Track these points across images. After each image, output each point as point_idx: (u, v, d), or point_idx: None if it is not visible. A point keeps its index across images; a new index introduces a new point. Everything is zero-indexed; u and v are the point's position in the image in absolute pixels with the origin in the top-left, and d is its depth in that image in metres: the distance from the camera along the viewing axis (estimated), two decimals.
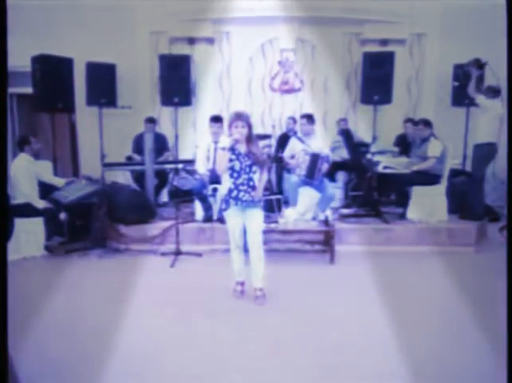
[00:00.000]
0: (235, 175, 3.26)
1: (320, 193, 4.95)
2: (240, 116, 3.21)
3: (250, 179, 3.28)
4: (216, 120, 5.06)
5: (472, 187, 5.24)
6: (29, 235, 4.61)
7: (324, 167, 4.88)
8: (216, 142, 4.93)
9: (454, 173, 5.39)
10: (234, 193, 3.27)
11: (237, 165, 3.25)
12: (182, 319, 3.15)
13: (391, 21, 6.62)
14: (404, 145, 6.06)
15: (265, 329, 2.99)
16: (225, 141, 3.51)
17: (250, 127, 3.23)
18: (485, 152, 5.06)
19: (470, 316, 3.17)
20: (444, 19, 6.71)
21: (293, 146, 5.14)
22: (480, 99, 4.98)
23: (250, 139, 3.24)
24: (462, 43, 6.37)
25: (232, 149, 3.23)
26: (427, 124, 5.21)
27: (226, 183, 3.31)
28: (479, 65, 4.90)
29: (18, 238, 4.53)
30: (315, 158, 4.85)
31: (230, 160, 3.23)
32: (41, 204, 4.69)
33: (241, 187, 3.26)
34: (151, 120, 6.14)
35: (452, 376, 2.43)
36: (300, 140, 5.15)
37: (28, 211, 4.60)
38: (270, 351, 2.69)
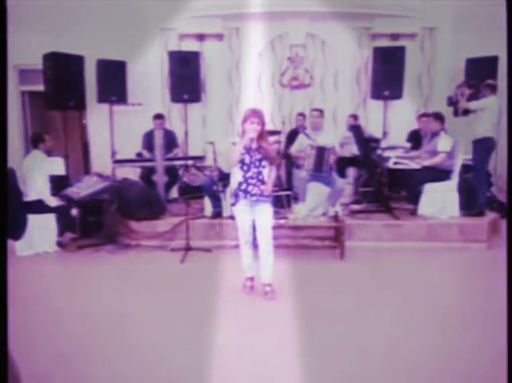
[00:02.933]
0: (245, 168, 3.29)
1: (328, 187, 4.94)
2: (256, 113, 3.24)
3: (260, 173, 3.30)
4: None
5: (474, 181, 5.18)
6: (41, 231, 4.68)
7: (332, 158, 4.87)
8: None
9: (466, 169, 5.32)
10: (243, 186, 3.29)
11: (247, 158, 3.27)
12: (191, 314, 3.17)
13: (401, 15, 6.55)
14: (417, 141, 6.00)
15: (274, 325, 3.00)
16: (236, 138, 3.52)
17: (263, 124, 3.26)
18: (483, 146, 5.00)
19: (482, 313, 3.15)
20: (455, 13, 6.62)
21: (301, 142, 5.14)
22: (473, 104, 4.95)
23: (262, 135, 3.27)
24: (474, 37, 6.28)
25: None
26: (438, 117, 5.14)
27: (236, 177, 3.33)
28: (470, 85, 5.06)
29: (31, 234, 4.61)
30: (321, 151, 4.84)
31: (241, 154, 3.25)
32: (53, 202, 4.74)
33: (250, 181, 3.28)
34: (159, 117, 6.14)
35: (465, 373, 2.41)
36: (307, 136, 5.15)
37: (40, 207, 4.66)
38: (279, 346, 2.69)
